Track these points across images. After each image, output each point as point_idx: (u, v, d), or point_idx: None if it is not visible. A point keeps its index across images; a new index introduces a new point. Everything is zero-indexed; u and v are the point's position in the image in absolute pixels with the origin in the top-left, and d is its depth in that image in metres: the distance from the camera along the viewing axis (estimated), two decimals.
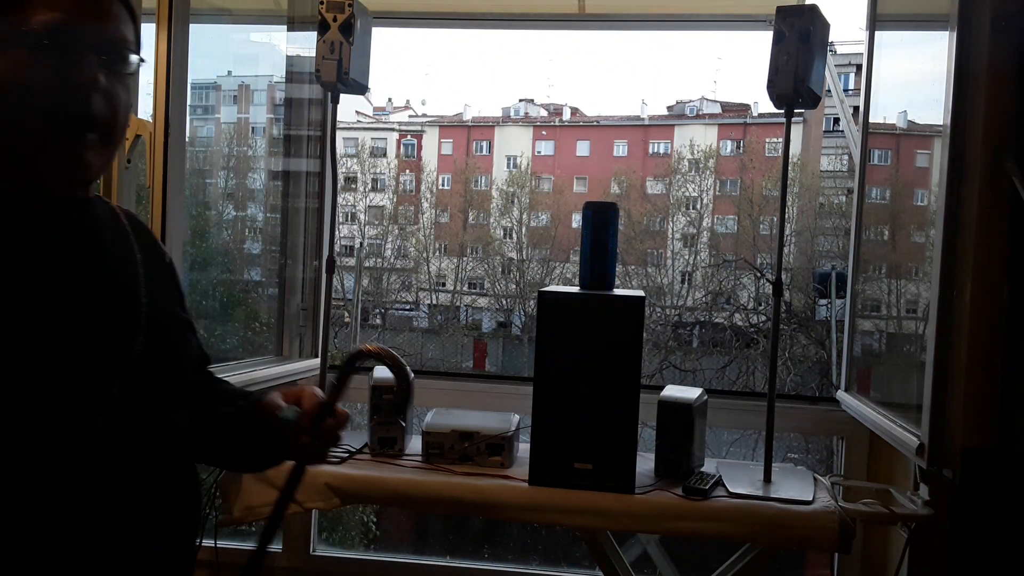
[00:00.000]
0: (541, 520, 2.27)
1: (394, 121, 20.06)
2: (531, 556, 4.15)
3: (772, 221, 12.45)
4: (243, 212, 3.84)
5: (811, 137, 14.55)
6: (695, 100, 17.27)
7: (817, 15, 2.05)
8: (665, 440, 2.12)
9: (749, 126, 15.91)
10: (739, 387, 8.81)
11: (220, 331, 3.39)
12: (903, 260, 3.72)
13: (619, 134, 17.22)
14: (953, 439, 1.83)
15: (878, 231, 3.53)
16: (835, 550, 1.97)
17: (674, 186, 14.82)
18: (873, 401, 2.40)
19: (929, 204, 2.71)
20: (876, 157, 3.09)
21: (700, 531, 1.97)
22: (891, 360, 3.17)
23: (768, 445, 2.18)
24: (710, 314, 10.98)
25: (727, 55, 22.88)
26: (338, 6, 2.25)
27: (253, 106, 3.69)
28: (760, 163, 14.39)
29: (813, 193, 12.99)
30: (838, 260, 11.14)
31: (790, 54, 2.03)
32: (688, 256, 13.30)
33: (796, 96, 2.06)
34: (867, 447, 2.50)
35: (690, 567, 2.51)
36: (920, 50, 2.66)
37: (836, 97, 3.16)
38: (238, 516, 2.14)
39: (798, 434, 7.09)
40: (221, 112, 3.58)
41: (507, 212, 14.87)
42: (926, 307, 2.10)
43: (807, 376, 9.07)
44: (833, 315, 8.62)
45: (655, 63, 32.11)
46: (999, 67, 1.83)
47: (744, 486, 2.07)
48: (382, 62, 2.55)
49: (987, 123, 1.83)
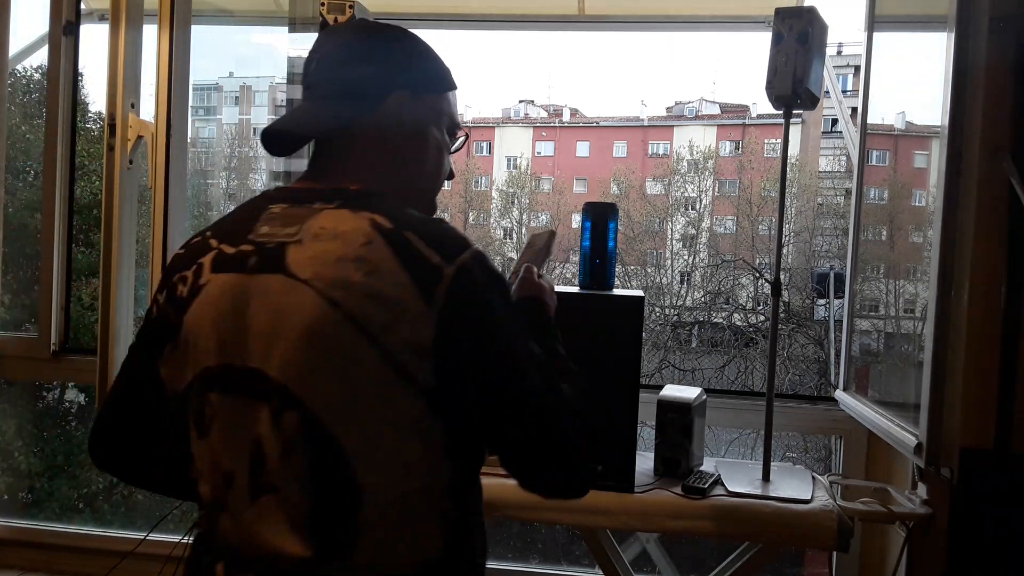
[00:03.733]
0: (541, 518, 2.27)
1: None
2: (531, 554, 4.16)
3: (771, 221, 12.46)
4: None
5: (810, 138, 14.56)
6: (694, 101, 17.29)
7: (815, 17, 2.06)
8: (664, 439, 2.13)
9: (748, 127, 15.93)
10: (738, 386, 8.82)
11: None
12: (901, 260, 3.73)
13: (619, 135, 17.23)
14: (951, 438, 1.84)
15: (876, 231, 3.54)
16: (833, 549, 1.98)
17: (673, 187, 14.83)
18: (871, 400, 2.41)
19: (927, 204, 2.72)
20: (874, 158, 3.10)
21: (699, 530, 1.98)
22: (889, 359, 3.18)
23: (767, 444, 2.18)
24: (709, 314, 10.98)
25: (726, 56, 22.91)
26: (339, 8, 2.26)
27: (254, 107, 3.70)
28: (759, 164, 14.41)
29: (812, 193, 13.00)
30: (836, 260, 11.15)
31: (788, 55, 2.04)
32: (687, 256, 13.31)
33: (795, 97, 2.06)
34: (865, 446, 2.51)
35: (689, 566, 2.52)
36: (918, 51, 2.67)
37: (834, 98, 3.16)
38: None
39: (797, 433, 7.10)
40: (223, 113, 3.59)
41: (507, 213, 14.87)
42: (924, 307, 2.11)
43: (805, 376, 9.08)
44: (831, 315, 8.63)
45: (654, 64, 32.22)
46: (997, 68, 1.84)
47: (743, 485, 2.08)
48: None
49: (985, 123, 1.84)
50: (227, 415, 0.95)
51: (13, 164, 3.94)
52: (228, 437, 0.95)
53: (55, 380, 5.70)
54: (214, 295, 0.95)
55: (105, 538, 2.81)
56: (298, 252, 0.92)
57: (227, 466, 0.95)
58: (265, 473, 0.92)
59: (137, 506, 6.30)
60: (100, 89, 6.82)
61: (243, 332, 0.93)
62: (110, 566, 2.61)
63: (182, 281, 0.99)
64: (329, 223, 0.94)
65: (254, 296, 0.93)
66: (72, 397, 6.69)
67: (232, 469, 0.95)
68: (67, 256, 2.74)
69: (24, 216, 3.73)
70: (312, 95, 1.06)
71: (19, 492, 5.63)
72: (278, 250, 0.94)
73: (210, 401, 0.96)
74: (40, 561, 2.77)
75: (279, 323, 0.91)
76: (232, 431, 0.94)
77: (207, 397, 0.96)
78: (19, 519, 3.05)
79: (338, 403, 0.90)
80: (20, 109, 5.48)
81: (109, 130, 1.94)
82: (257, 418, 0.92)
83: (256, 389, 0.92)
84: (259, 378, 0.92)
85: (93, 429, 1.08)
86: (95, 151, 5.19)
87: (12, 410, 4.92)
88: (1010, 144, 1.83)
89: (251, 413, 0.92)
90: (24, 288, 3.50)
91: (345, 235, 0.92)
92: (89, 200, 4.72)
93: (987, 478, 1.83)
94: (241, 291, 0.94)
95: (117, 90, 1.94)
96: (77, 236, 4.13)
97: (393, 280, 0.89)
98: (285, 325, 0.90)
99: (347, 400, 0.90)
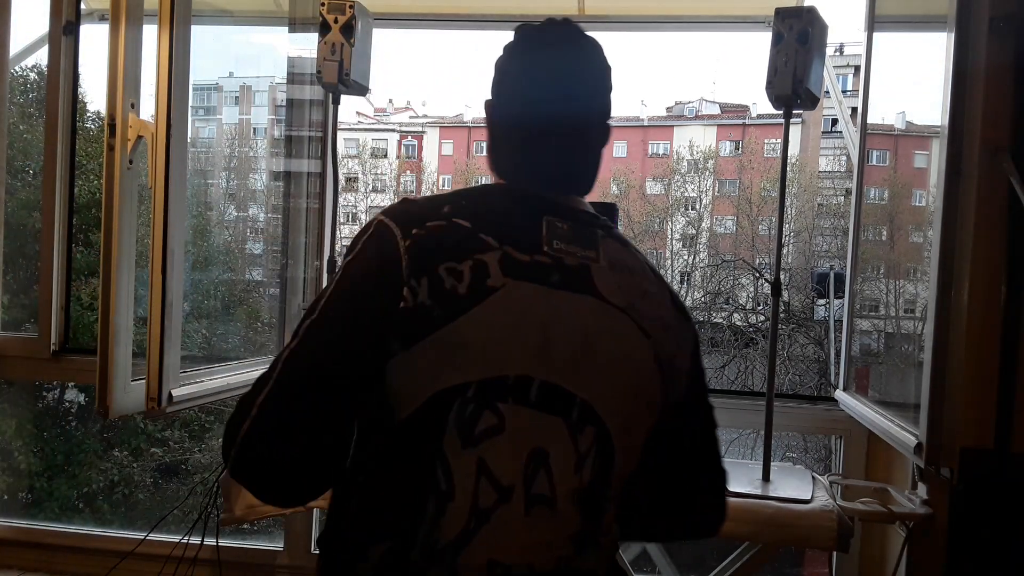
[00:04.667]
0: None
1: (395, 122, 20.08)
2: None
3: (771, 221, 12.48)
4: (244, 212, 3.85)
5: (810, 138, 14.58)
6: (694, 101, 17.32)
7: (815, 17, 2.06)
8: None
9: (748, 127, 15.95)
10: (738, 386, 8.83)
11: (222, 330, 3.40)
12: (901, 260, 3.73)
13: (618, 135, 17.25)
14: (951, 438, 1.84)
15: (876, 231, 3.54)
16: (833, 549, 1.97)
17: (673, 187, 14.86)
18: (871, 400, 2.41)
19: (927, 204, 2.72)
20: (874, 158, 3.10)
21: None
22: (889, 359, 3.18)
23: (767, 444, 2.18)
24: (709, 314, 10.99)
25: (726, 56, 22.90)
26: (339, 7, 2.26)
27: (254, 107, 3.70)
28: (759, 164, 14.43)
29: (812, 193, 13.02)
30: (836, 260, 11.16)
31: (789, 55, 2.04)
32: (687, 256, 13.32)
33: (795, 97, 2.06)
34: (865, 446, 2.51)
35: (689, 565, 2.52)
36: (918, 51, 2.67)
37: (834, 98, 3.17)
38: (239, 515, 2.15)
39: (797, 433, 7.10)
40: (223, 113, 3.59)
41: None
42: (924, 307, 2.11)
43: (805, 376, 9.09)
44: (831, 315, 8.63)
45: (654, 64, 32.21)
46: (997, 67, 1.84)
47: (743, 485, 2.08)
48: (383, 63, 2.55)
49: (985, 123, 1.83)
50: (514, 426, 0.91)
51: (12, 164, 3.94)
52: (512, 449, 0.91)
53: (55, 380, 5.71)
54: (516, 302, 0.92)
55: (105, 538, 2.81)
56: (604, 277, 0.97)
57: (505, 479, 0.91)
58: (541, 485, 0.92)
59: (137, 506, 6.31)
60: (99, 89, 6.83)
61: (546, 347, 0.92)
62: (110, 566, 2.61)
63: (454, 275, 0.91)
64: (616, 254, 1.01)
65: (562, 313, 0.93)
66: (72, 397, 6.69)
67: (512, 483, 0.91)
68: (67, 256, 2.74)
69: (23, 216, 3.73)
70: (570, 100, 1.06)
71: (19, 492, 5.63)
72: (582, 271, 0.96)
73: (496, 411, 0.91)
74: (40, 561, 2.77)
75: (591, 344, 0.93)
76: (514, 442, 0.91)
77: (492, 405, 0.91)
78: (19, 519, 3.05)
79: (626, 420, 0.96)
80: (18, 109, 5.48)
81: (109, 130, 1.94)
82: (554, 432, 0.92)
83: (555, 404, 0.92)
84: (560, 393, 0.92)
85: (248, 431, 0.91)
86: (94, 151, 5.19)
87: (12, 410, 4.93)
88: (1010, 144, 1.83)
89: (546, 425, 0.92)
90: (24, 288, 3.50)
91: (634, 268, 1.02)
92: (88, 200, 4.72)
93: (987, 478, 1.83)
94: (548, 305, 0.93)
95: (117, 90, 1.94)
96: (77, 236, 4.13)
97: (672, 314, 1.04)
98: (600, 348, 0.94)
99: (633, 419, 0.97)
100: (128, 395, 2.01)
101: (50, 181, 2.69)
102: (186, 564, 2.49)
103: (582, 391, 0.92)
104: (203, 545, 2.41)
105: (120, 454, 6.43)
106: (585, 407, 0.92)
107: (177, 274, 2.00)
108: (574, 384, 0.92)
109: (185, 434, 6.57)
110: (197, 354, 2.92)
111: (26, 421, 5.54)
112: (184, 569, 2.49)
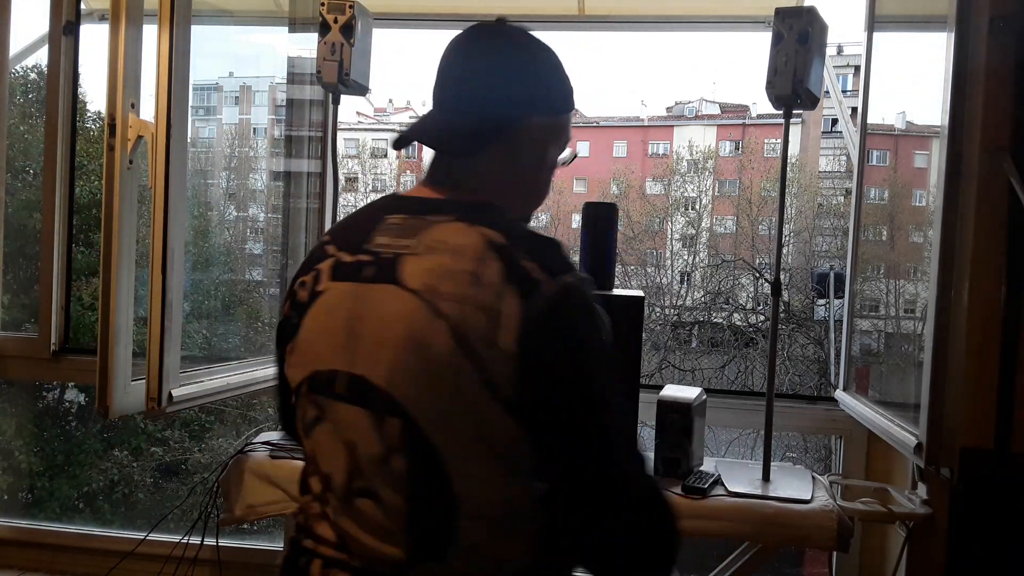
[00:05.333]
0: None
1: (395, 122, 20.06)
2: None
3: (771, 221, 12.47)
4: (244, 212, 3.85)
5: (810, 138, 14.58)
6: (694, 101, 17.31)
7: (815, 17, 2.06)
8: (664, 439, 2.13)
9: (748, 127, 15.94)
10: (738, 386, 8.83)
11: (222, 330, 3.41)
12: (901, 260, 3.73)
13: (618, 135, 17.25)
14: (951, 438, 1.84)
15: (876, 231, 3.54)
16: (833, 549, 1.98)
17: (673, 187, 14.85)
18: (871, 400, 2.41)
19: (927, 204, 2.72)
20: (874, 158, 3.10)
21: (699, 530, 1.98)
22: (889, 359, 3.18)
23: (767, 444, 2.18)
24: (709, 314, 10.99)
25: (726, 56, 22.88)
26: (339, 7, 2.26)
27: (254, 107, 3.70)
28: (759, 164, 14.41)
29: (812, 193, 13.01)
30: (836, 260, 11.16)
31: (789, 55, 2.04)
32: (687, 256, 13.32)
33: (795, 97, 2.06)
34: (865, 446, 2.51)
35: (689, 566, 2.52)
36: (918, 51, 2.67)
37: (834, 98, 3.16)
38: (240, 515, 2.15)
39: (797, 433, 7.10)
40: (223, 113, 3.59)
41: None
42: (924, 307, 2.11)
43: (805, 376, 9.09)
44: (831, 315, 8.64)
45: (654, 64, 32.22)
46: (997, 67, 1.84)
47: (743, 485, 2.08)
48: (383, 63, 2.56)
49: (985, 123, 1.84)
50: (329, 418, 0.98)
51: (12, 164, 3.94)
52: (328, 440, 0.99)
53: (55, 380, 5.70)
54: (330, 302, 0.99)
55: (105, 538, 2.81)
56: (413, 264, 0.95)
57: (325, 468, 1.00)
58: (362, 477, 0.95)
59: (137, 506, 6.31)
60: (99, 89, 6.82)
61: (354, 340, 0.95)
62: (110, 566, 2.61)
63: (302, 286, 1.03)
64: (444, 236, 0.96)
65: (368, 305, 0.95)
66: (72, 397, 6.69)
67: (330, 471, 0.99)
68: (67, 256, 2.74)
69: (24, 216, 3.73)
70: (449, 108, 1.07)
71: (19, 492, 5.63)
72: (393, 261, 0.96)
73: (315, 403, 1.00)
74: (40, 561, 2.77)
75: (386, 332, 0.93)
76: (332, 434, 0.98)
77: (313, 399, 1.00)
78: (19, 519, 3.05)
79: (438, 412, 0.92)
80: (18, 109, 5.48)
81: (109, 130, 1.94)
82: (358, 423, 0.95)
83: (360, 395, 0.94)
84: (364, 385, 0.94)
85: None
86: (94, 151, 5.19)
87: (12, 410, 4.92)
88: (1010, 144, 1.83)
89: (352, 418, 0.95)
90: (24, 288, 3.50)
91: (460, 249, 0.94)
92: (89, 200, 4.72)
93: (987, 478, 1.83)
94: (356, 300, 0.97)
95: (117, 90, 1.94)
96: (77, 236, 4.13)
97: (496, 291, 0.90)
98: (391, 334, 0.93)
99: (446, 410, 0.92)
100: (128, 395, 2.01)
101: (50, 181, 2.69)
102: (186, 564, 2.49)
103: (381, 380, 0.93)
104: (203, 545, 2.41)
105: (120, 454, 6.43)
106: (385, 396, 0.92)
107: (177, 274, 2.01)
108: (376, 374, 0.93)
109: (185, 434, 6.57)
110: (197, 354, 2.92)
111: (26, 421, 5.54)
112: (184, 569, 2.49)
